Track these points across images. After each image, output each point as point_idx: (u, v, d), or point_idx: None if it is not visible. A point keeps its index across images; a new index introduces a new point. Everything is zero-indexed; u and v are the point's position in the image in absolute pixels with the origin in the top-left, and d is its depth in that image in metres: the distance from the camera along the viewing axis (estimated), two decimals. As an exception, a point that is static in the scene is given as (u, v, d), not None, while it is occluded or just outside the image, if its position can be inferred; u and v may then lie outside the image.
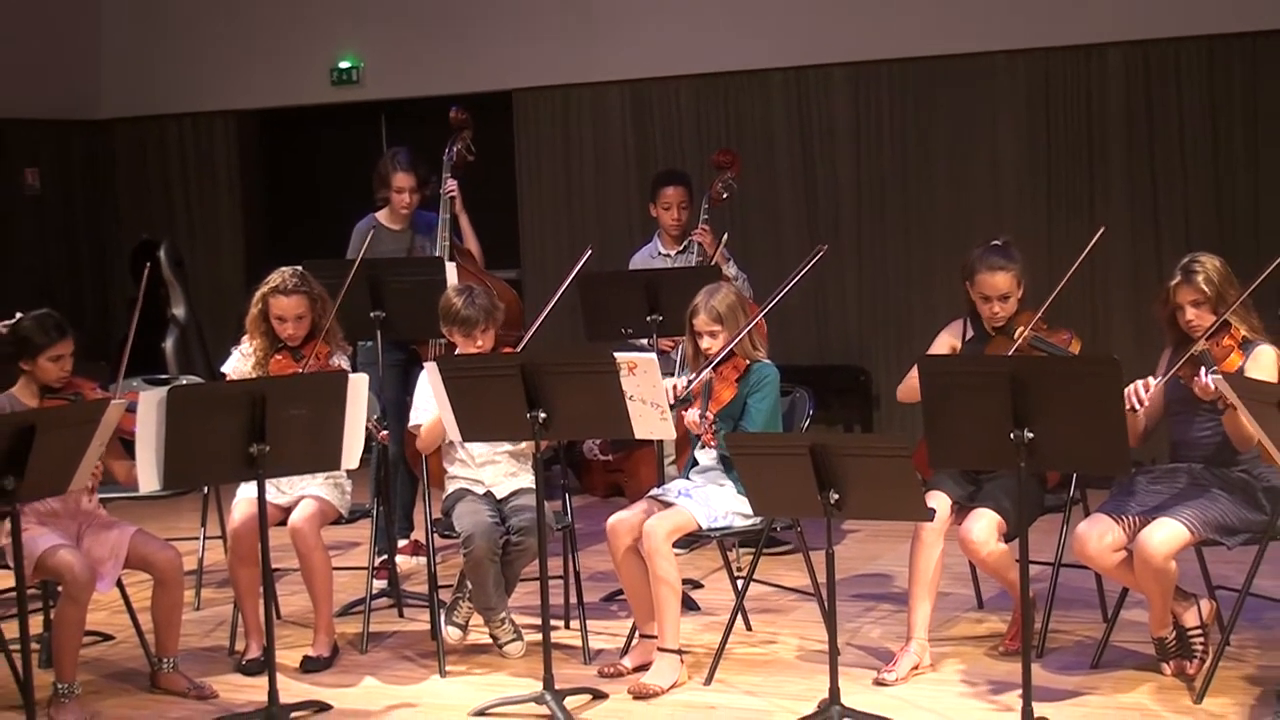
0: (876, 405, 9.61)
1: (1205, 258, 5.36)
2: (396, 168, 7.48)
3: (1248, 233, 8.63)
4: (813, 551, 5.91)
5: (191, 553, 6.87)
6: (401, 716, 5.53)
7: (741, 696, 5.57)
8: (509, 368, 5.36)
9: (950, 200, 9.56)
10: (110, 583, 5.72)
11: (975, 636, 6.17)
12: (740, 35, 9.88)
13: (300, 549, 6.04)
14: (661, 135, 10.27)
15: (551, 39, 10.37)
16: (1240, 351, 5.25)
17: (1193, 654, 5.46)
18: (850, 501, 4.93)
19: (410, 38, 10.78)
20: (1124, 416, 4.83)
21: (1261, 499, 5.33)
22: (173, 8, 11.51)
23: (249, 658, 6.07)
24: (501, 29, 10.47)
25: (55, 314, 5.80)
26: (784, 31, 9.78)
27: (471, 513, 5.95)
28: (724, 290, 5.94)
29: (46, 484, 5.03)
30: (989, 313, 5.75)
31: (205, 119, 11.68)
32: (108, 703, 5.77)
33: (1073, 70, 9.30)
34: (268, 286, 6.15)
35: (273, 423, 5.17)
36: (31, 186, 11.61)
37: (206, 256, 11.61)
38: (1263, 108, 8.92)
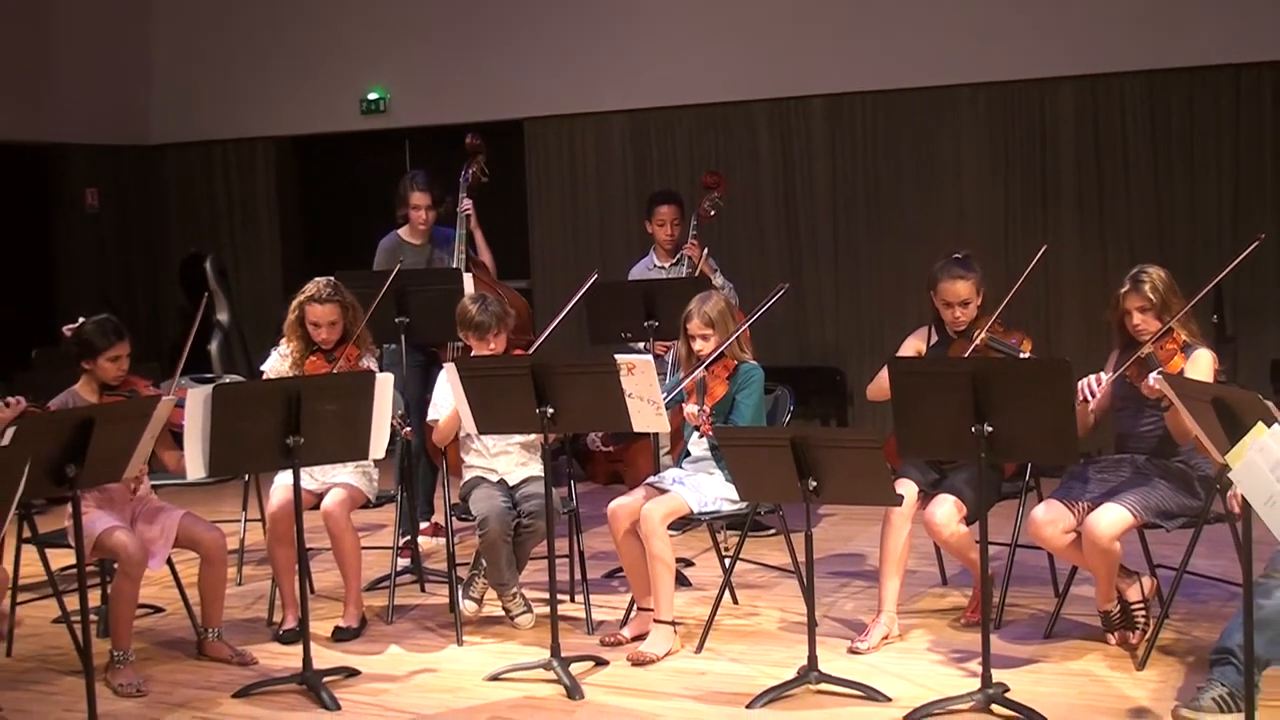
0: (850, 402, 9.60)
1: (1152, 269, 5.36)
2: (413, 188, 7.50)
3: (1184, 247, 8.62)
4: (793, 533, 5.92)
5: (234, 533, 6.86)
6: (423, 681, 5.52)
7: (729, 663, 5.57)
8: (520, 368, 5.36)
9: (917, 218, 9.55)
10: (161, 560, 5.72)
11: (939, 610, 6.17)
12: (728, 70, 9.87)
13: (332, 530, 6.05)
14: (657, 159, 10.26)
15: (559, 73, 10.36)
16: (1182, 355, 5.25)
17: (1135, 626, 5.48)
18: (827, 488, 4.94)
19: (432, 72, 10.78)
20: (1074, 412, 4.84)
21: (1197, 487, 5.34)
22: (217, 44, 11.49)
23: (285, 628, 6.07)
24: (514, 64, 10.46)
25: (113, 319, 5.81)
26: (768, 66, 9.77)
27: (486, 498, 5.96)
28: (714, 298, 5.96)
29: (104, 472, 5.04)
30: (951, 318, 5.76)
31: (247, 144, 11.68)
32: (158, 668, 5.77)
33: (1028, 101, 9.30)
34: (304, 295, 6.16)
35: (307, 417, 5.19)
36: (91, 205, 11.61)
37: (248, 268, 11.60)
38: (1197, 135, 8.92)
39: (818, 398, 9.45)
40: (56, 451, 4.69)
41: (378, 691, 5.41)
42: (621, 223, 10.18)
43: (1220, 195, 8.85)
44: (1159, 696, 4.95)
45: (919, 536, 5.77)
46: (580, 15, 10.27)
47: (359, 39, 11.00)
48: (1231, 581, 5.85)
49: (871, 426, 7.21)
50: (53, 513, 6.67)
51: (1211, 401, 4.04)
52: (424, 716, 5.13)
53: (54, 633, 6.21)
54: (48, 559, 5.89)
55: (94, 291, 10.87)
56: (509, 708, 5.18)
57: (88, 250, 11.59)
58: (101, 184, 11.67)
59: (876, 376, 5.57)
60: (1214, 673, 4.68)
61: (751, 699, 5.07)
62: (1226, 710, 4.55)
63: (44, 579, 5.96)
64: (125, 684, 5.47)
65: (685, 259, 7.61)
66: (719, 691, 5.23)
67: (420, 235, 7.56)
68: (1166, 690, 5.01)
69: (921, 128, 9.57)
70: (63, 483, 4.74)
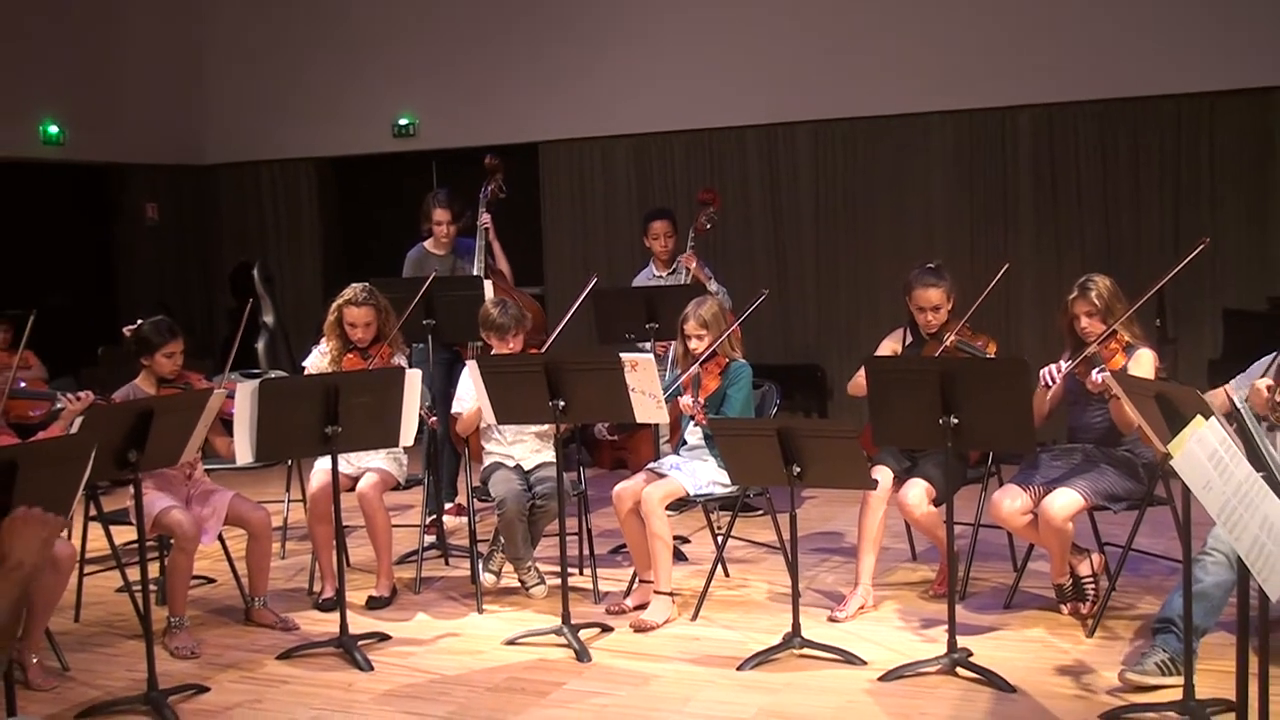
0: (830, 396, 9.60)
1: (1098, 277, 5.37)
2: (436, 205, 7.52)
3: (1130, 259, 8.61)
4: (779, 514, 5.91)
5: (278, 512, 6.87)
6: (447, 645, 5.53)
7: (721, 630, 5.57)
8: (535, 365, 5.36)
9: (891, 231, 9.55)
10: (212, 537, 5.73)
11: (910, 583, 6.17)
12: (722, 98, 9.86)
13: (366, 510, 6.05)
14: (657, 178, 10.26)
15: (569, 101, 10.35)
16: (1124, 354, 5.25)
17: (1085, 597, 5.49)
18: (809, 473, 4.94)
19: (456, 100, 10.77)
20: (1031, 406, 4.84)
21: (1141, 473, 5.34)
22: (264, 75, 11.50)
23: (324, 597, 6.08)
24: (529, 93, 10.46)
25: (168, 319, 5.83)
26: (757, 95, 9.76)
27: (504, 481, 5.96)
28: (709, 302, 5.97)
29: (162, 456, 5.04)
30: (924, 321, 5.76)
31: (291, 164, 11.67)
32: (211, 633, 5.78)
33: (991, 127, 9.29)
34: (342, 299, 6.16)
35: (344, 409, 5.19)
36: (151, 219, 11.62)
37: (291, 275, 11.60)
38: (1142, 158, 8.91)
39: (801, 392, 9.45)
40: (120, 439, 4.70)
41: (406, 654, 5.41)
42: (625, 235, 10.18)
43: (1162, 212, 8.85)
44: (1107, 661, 4.95)
45: (892, 517, 5.78)
46: (588, 50, 10.26)
47: (391, 71, 11.01)
48: (1172, 558, 5.84)
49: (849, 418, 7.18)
50: (116, 494, 6.67)
51: (1155, 397, 4.04)
52: (447, 677, 5.13)
53: (117, 601, 6.23)
54: (111, 535, 5.89)
55: (153, 296, 10.87)
56: (524, 669, 5.18)
57: (147, 259, 11.60)
58: (160, 199, 11.69)
59: (855, 374, 5.57)
60: (1156, 640, 4.69)
61: (741, 661, 5.07)
62: (1168, 674, 4.56)
63: (108, 553, 5.96)
64: (181, 647, 5.49)
65: (682, 268, 7.61)
66: (712, 655, 5.23)
67: (443, 247, 7.56)
68: (1114, 655, 5.02)
69: (895, 151, 9.56)
70: (125, 467, 4.75)
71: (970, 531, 6.01)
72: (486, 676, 5.11)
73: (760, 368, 6.34)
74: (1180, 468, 3.09)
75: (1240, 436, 3.40)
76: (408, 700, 4.88)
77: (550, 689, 4.93)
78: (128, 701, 4.84)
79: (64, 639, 5.52)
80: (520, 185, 9.17)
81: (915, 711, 4.55)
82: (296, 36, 11.35)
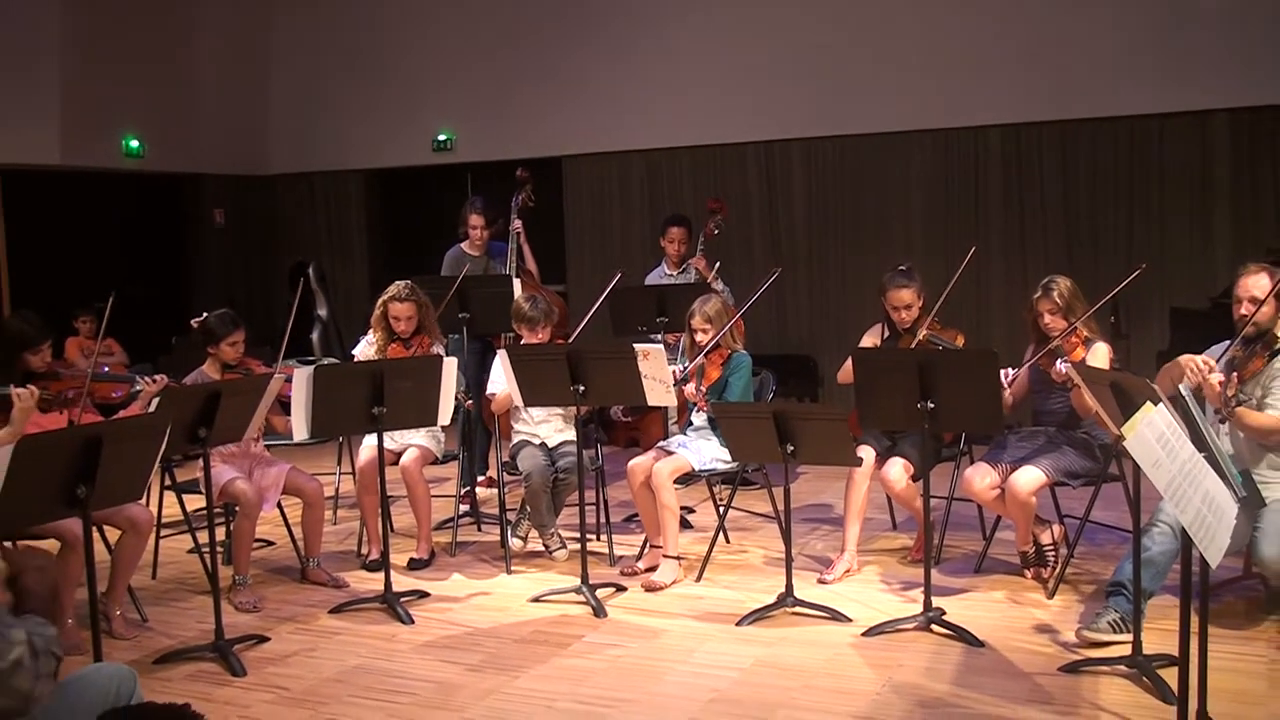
0: (821, 384, 9.58)
1: (1060, 279, 5.35)
2: (471, 211, 7.55)
3: (1088, 261, 8.58)
4: (774, 487, 5.92)
5: (329, 483, 6.89)
6: (479, 602, 5.54)
7: (722, 590, 5.57)
8: (559, 354, 5.37)
9: (875, 236, 9.53)
10: (272, 504, 5.76)
11: (890, 549, 6.17)
12: (724, 119, 9.85)
13: (408, 481, 6.06)
14: (667, 189, 10.24)
15: (590, 121, 10.34)
16: (1084, 347, 5.24)
17: (1047, 563, 5.48)
18: (802, 452, 4.94)
19: (489, 118, 10.76)
20: (999, 392, 4.83)
21: (1097, 453, 5.33)
22: (320, 95, 11.50)
23: (371, 559, 6.10)
24: (555, 113, 10.45)
25: (232, 311, 5.85)
26: (755, 116, 9.74)
27: (530, 457, 5.97)
28: (714, 299, 5.96)
29: (228, 433, 5.05)
30: (897, 317, 5.75)
31: (342, 175, 11.68)
32: (270, 589, 5.80)
33: (963, 144, 9.26)
34: (387, 295, 6.15)
35: (389, 392, 5.20)
36: (218, 223, 11.64)
37: (342, 273, 11.60)
38: (1099, 172, 8.88)
39: (795, 380, 9.44)
40: (191, 418, 4.70)
41: (443, 610, 5.43)
42: (639, 238, 10.18)
43: (1116, 220, 8.81)
44: (1065, 620, 4.95)
45: (875, 491, 5.78)
46: (607, 76, 10.24)
47: (432, 93, 11.00)
48: (1123, 529, 5.82)
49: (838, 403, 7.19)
50: (187, 466, 6.70)
51: (1110, 385, 4.03)
52: (479, 629, 5.14)
53: (189, 561, 6.26)
54: (184, 503, 5.91)
55: (219, 291, 10.90)
56: (548, 623, 5.18)
57: (215, 259, 11.62)
58: (227, 206, 11.70)
59: (843, 364, 5.56)
60: (1109, 601, 4.69)
61: (740, 618, 5.08)
62: (1118, 631, 4.56)
63: (181, 518, 5.99)
64: (244, 602, 5.51)
65: (691, 269, 7.62)
66: (714, 612, 5.23)
67: (478, 248, 7.57)
68: (1071, 615, 5.01)
69: (878, 165, 9.53)
70: (195, 442, 4.76)
71: (944, 504, 6.02)
72: (514, 629, 5.12)
73: (758, 358, 6.33)
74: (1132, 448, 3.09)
75: (1184, 420, 3.40)
76: (444, 650, 4.89)
77: (570, 641, 4.94)
78: (198, 649, 4.86)
79: (143, 594, 5.54)
80: (546, 194, 9.16)
81: (894, 663, 4.55)
82: (347, 63, 11.34)
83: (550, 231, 10.14)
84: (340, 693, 4.46)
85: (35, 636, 2.31)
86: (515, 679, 4.53)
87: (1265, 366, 4.69)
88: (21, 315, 5.42)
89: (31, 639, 2.29)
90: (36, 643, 2.30)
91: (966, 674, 4.42)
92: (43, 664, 2.31)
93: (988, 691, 4.24)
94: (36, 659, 2.29)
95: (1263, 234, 8.24)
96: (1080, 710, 4.05)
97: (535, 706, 4.26)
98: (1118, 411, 3.91)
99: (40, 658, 2.30)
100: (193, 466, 5.74)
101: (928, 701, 4.18)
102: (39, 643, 2.31)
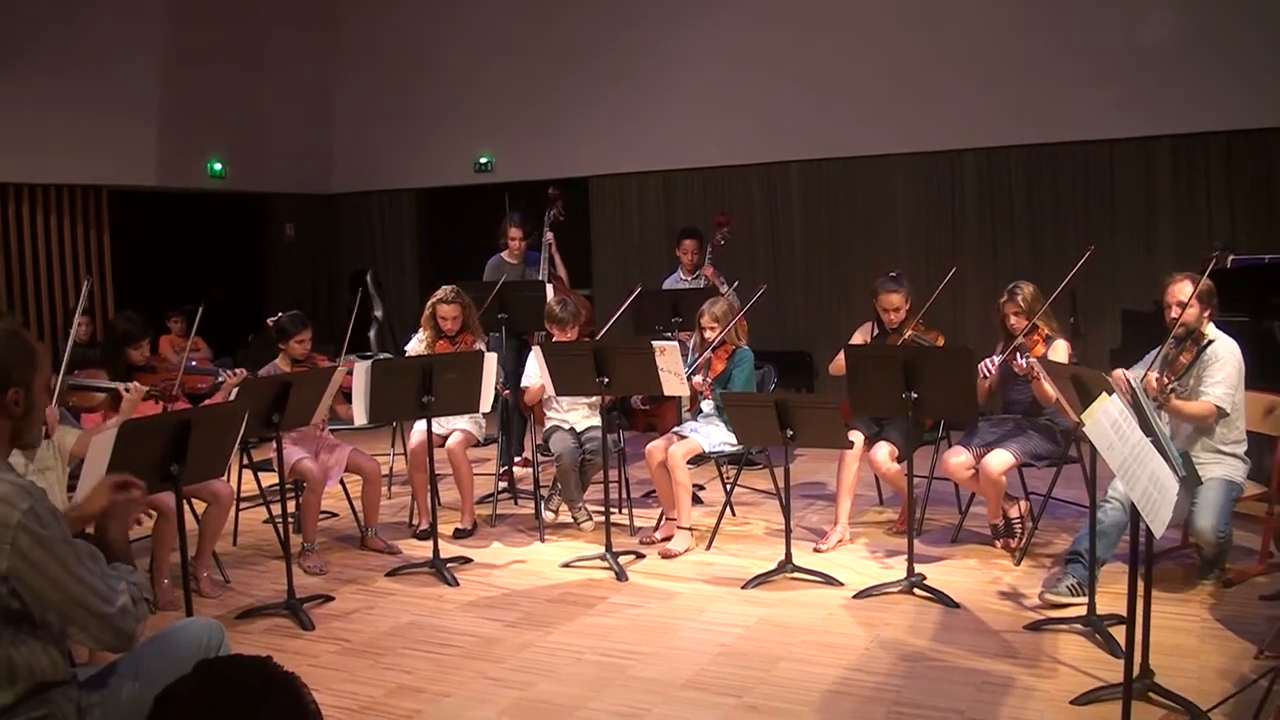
0: (816, 376, 9.56)
1: (1023, 284, 5.36)
2: (511, 224, 7.56)
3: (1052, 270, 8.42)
4: (775, 467, 5.92)
5: (386, 463, 6.92)
6: (516, 568, 5.55)
7: (729, 558, 5.58)
8: (586, 350, 5.38)
9: (863, 247, 9.50)
10: (335, 481, 5.79)
11: (878, 522, 6.16)
12: (730, 144, 9.83)
13: (453, 461, 6.08)
14: (681, 205, 10.22)
15: (614, 145, 10.32)
16: (1045, 344, 5.24)
17: (1014, 534, 5.47)
18: (800, 436, 4.95)
19: (525, 142, 10.76)
20: (975, 385, 4.84)
21: (1059, 437, 5.32)
22: (375, 124, 11.53)
23: (421, 529, 6.12)
24: (583, 138, 10.44)
25: (300, 313, 5.88)
26: (758, 141, 9.72)
27: (561, 440, 5.98)
28: (721, 301, 5.96)
29: (297, 419, 5.09)
30: (887, 318, 5.74)
31: (395, 194, 11.70)
32: (334, 555, 5.83)
33: (942, 166, 9.22)
34: (435, 298, 6.17)
35: (437, 383, 5.22)
36: (289, 236, 11.70)
37: (394, 279, 11.62)
38: (1061, 191, 8.82)
39: (793, 373, 9.42)
40: (266, 405, 4.74)
41: (484, 573, 5.44)
42: (655, 249, 10.17)
43: (1075, 233, 8.72)
44: (1030, 584, 4.94)
45: (864, 471, 5.78)
46: (629, 107, 10.22)
47: (473, 120, 11.01)
48: (1080, 504, 5.82)
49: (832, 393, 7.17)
50: (262, 447, 6.72)
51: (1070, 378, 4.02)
52: (516, 591, 5.16)
53: (264, 530, 6.29)
54: (259, 479, 5.95)
55: (290, 295, 10.94)
56: (576, 586, 5.20)
57: (286, 267, 11.67)
58: (296, 221, 11.75)
59: (835, 358, 5.56)
60: (1068, 568, 4.68)
61: (745, 582, 5.08)
62: (1076, 594, 4.55)
63: (256, 493, 6.03)
64: (312, 566, 5.55)
65: (703, 276, 7.62)
66: (722, 577, 5.24)
67: (516, 257, 7.57)
68: (1035, 580, 5.00)
69: (866, 184, 9.50)
70: (270, 427, 4.80)
71: (925, 482, 6.00)
72: (546, 591, 5.14)
73: (761, 354, 6.33)
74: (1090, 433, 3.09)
75: (1134, 409, 3.39)
76: (485, 609, 4.91)
77: (596, 601, 4.95)
78: (273, 607, 4.89)
79: (225, 558, 5.59)
80: (576, 210, 9.17)
81: (880, 622, 4.55)
82: (400, 97, 11.35)
83: (579, 242, 10.14)
84: (395, 645, 4.48)
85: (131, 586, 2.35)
86: (548, 634, 4.55)
87: (1195, 360, 4.71)
88: (125, 315, 5.49)
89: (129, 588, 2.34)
90: (133, 591, 2.34)
91: (944, 631, 4.42)
92: (140, 609, 2.35)
93: (962, 646, 4.24)
94: (136, 605, 2.34)
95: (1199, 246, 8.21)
96: (1041, 663, 4.05)
97: (565, 658, 4.27)
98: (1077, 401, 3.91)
99: (138, 604, 2.35)
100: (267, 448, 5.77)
101: (910, 655, 4.18)
102: (135, 592, 2.35)
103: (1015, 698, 3.75)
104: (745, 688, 3.91)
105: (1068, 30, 8.62)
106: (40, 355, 2.37)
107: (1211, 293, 4.73)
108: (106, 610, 2.27)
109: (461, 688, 4.01)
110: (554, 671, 4.13)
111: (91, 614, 2.26)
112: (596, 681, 4.02)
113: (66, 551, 2.23)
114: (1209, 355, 4.69)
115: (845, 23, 9.36)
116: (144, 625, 2.38)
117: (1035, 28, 8.72)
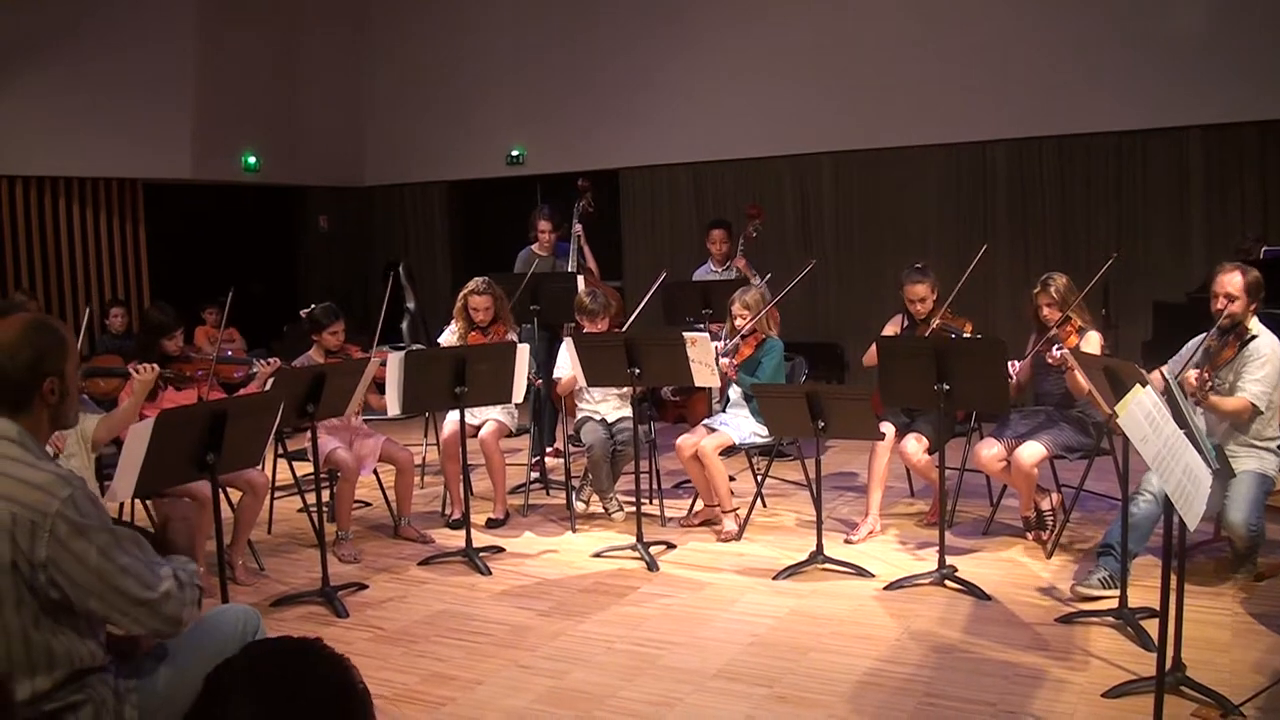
0: (847, 367, 9.53)
1: (1056, 275, 5.31)
2: (541, 217, 7.58)
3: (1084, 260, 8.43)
4: (806, 459, 5.91)
5: (418, 453, 6.96)
6: (548, 557, 5.57)
7: (761, 548, 5.58)
8: (617, 341, 5.38)
9: (894, 238, 9.45)
10: (369, 470, 5.82)
11: (909, 514, 6.14)
12: (761, 135, 9.80)
13: (485, 451, 6.10)
14: (711, 197, 10.20)
15: (644, 137, 10.32)
16: (1078, 335, 5.19)
17: (1046, 527, 5.44)
18: (831, 427, 4.93)
19: (556, 135, 10.77)
20: (1006, 375, 4.80)
21: (1091, 430, 5.27)
22: (408, 117, 11.57)
23: (453, 518, 6.15)
24: (613, 130, 10.45)
25: (333, 305, 5.90)
26: (789, 133, 9.69)
27: (592, 431, 6.00)
28: (752, 290, 5.96)
29: (331, 409, 5.10)
30: (913, 309, 5.71)
31: (427, 186, 11.74)
32: (368, 543, 5.87)
33: (973, 157, 9.15)
34: (467, 289, 6.20)
35: (469, 374, 5.24)
36: (323, 228, 11.76)
37: (427, 270, 11.67)
38: (1094, 181, 8.74)
39: (824, 364, 9.39)
40: (300, 396, 4.76)
41: (516, 563, 5.47)
42: (685, 241, 10.15)
43: (1106, 224, 8.67)
44: (1061, 577, 4.91)
45: (895, 462, 5.76)
46: (658, 98, 10.22)
47: (505, 113, 11.03)
48: (1113, 497, 5.77)
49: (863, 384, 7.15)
50: (297, 437, 6.78)
51: (1104, 370, 3.99)
52: (548, 580, 5.17)
53: (299, 518, 6.35)
54: (294, 468, 6.00)
55: (323, 287, 11.01)
56: (607, 576, 5.21)
57: (320, 258, 11.74)
58: (330, 213, 11.81)
59: (868, 350, 5.54)
60: (1100, 561, 4.65)
61: (776, 573, 5.08)
62: (1108, 587, 4.52)
63: (291, 482, 6.08)
64: (346, 554, 5.58)
65: (733, 268, 7.60)
66: (753, 567, 5.24)
67: (546, 249, 7.58)
68: (1067, 572, 4.97)
69: (897, 175, 9.45)
70: (304, 417, 4.82)
71: (956, 474, 5.97)
72: (578, 580, 5.15)
73: (792, 345, 6.32)
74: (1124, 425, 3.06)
75: (1168, 402, 3.36)
76: (517, 598, 4.93)
77: (627, 591, 4.96)
78: (307, 594, 4.93)
79: (261, 546, 5.64)
80: (605, 202, 9.18)
81: (912, 614, 4.53)
82: (432, 90, 11.39)
83: (609, 234, 10.15)
84: (428, 633, 4.51)
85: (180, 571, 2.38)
86: (579, 623, 4.56)
87: (1236, 354, 4.63)
88: (159, 306, 5.53)
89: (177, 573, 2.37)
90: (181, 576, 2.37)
91: (975, 623, 4.40)
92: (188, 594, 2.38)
93: (993, 639, 4.22)
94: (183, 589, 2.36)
95: (1231, 237, 8.11)
96: (1073, 656, 4.02)
97: (596, 647, 4.29)
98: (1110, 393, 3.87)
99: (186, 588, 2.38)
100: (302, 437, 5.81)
101: (941, 647, 4.16)
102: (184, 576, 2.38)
103: (1047, 690, 3.73)
104: (776, 678, 3.91)
105: (1098, 21, 8.54)
106: (69, 339, 2.40)
107: (1260, 285, 4.62)
108: (149, 596, 2.29)
109: (494, 676, 4.03)
110: (586, 660, 4.15)
111: (134, 601, 2.28)
112: (628, 670, 4.03)
113: (107, 539, 2.25)
114: (1250, 351, 4.60)
115: (875, 15, 9.31)
116: (194, 610, 2.40)
117: (1066, 18, 8.64)
